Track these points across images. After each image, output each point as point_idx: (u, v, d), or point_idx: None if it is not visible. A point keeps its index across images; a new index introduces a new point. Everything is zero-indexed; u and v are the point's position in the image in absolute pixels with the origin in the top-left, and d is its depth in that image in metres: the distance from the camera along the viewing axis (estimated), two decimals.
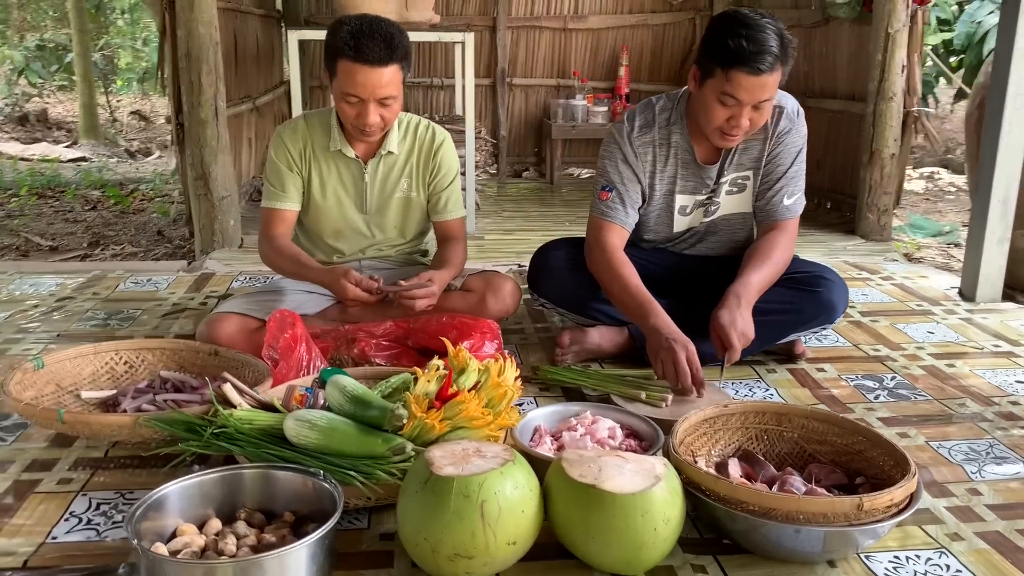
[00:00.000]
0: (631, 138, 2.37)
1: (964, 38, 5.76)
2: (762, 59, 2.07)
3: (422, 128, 2.52)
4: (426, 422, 1.65)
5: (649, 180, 2.41)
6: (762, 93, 2.13)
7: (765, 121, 2.31)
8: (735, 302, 2.17)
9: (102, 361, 2.23)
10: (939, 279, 3.42)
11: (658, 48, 5.88)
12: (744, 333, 2.14)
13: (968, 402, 2.25)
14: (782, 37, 2.12)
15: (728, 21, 2.15)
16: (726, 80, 2.12)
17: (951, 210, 5.53)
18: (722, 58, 2.11)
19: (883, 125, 4.00)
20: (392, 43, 2.22)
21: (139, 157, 8.26)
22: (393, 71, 2.24)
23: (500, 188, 5.57)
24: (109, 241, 4.46)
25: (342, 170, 2.48)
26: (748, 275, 2.24)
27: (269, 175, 2.48)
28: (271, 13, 5.36)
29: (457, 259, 2.52)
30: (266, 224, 2.48)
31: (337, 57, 2.24)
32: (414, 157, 2.51)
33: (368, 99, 2.25)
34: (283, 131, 2.48)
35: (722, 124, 2.19)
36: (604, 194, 2.39)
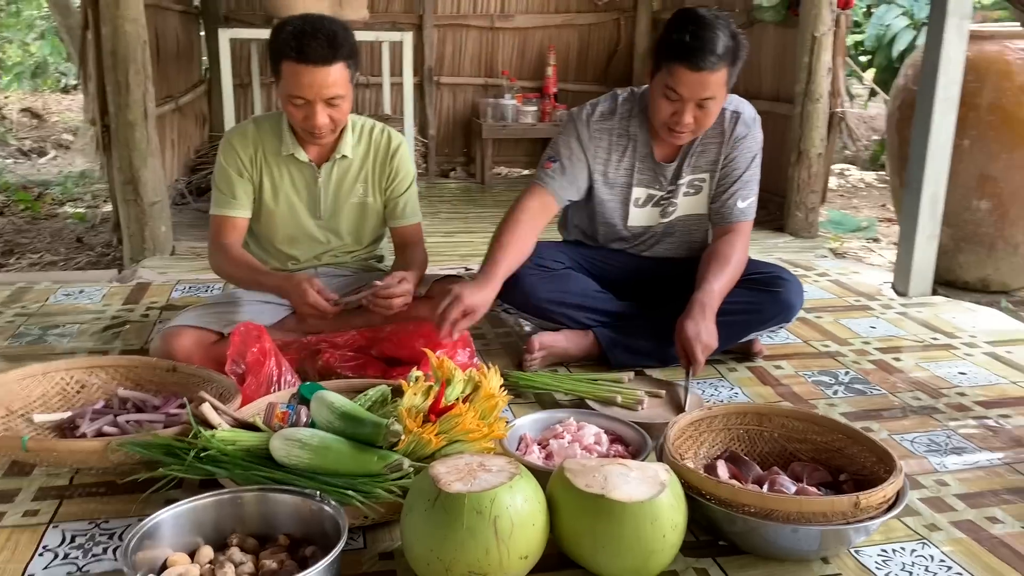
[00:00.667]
0: (590, 121, 2.39)
1: (874, 40, 6.03)
2: (703, 56, 2.12)
3: (377, 131, 2.47)
4: (422, 437, 1.62)
5: (602, 167, 2.42)
6: (703, 90, 2.17)
7: (717, 123, 2.37)
8: (700, 312, 2.21)
9: (52, 381, 2.10)
10: (870, 274, 3.57)
11: (584, 48, 5.94)
12: (708, 345, 2.20)
13: (920, 395, 2.35)
14: (733, 37, 2.17)
15: (680, 17, 2.20)
16: (669, 74, 2.17)
17: (865, 206, 5.78)
18: (668, 52, 2.17)
19: (810, 126, 4.14)
20: (336, 41, 2.16)
21: (33, 157, 7.83)
22: (339, 70, 2.18)
23: (430, 188, 5.52)
24: (24, 249, 4.21)
25: (295, 175, 2.41)
26: (710, 282, 2.29)
27: (218, 181, 2.39)
28: (190, 9, 5.16)
29: (420, 263, 2.48)
30: (216, 232, 2.39)
31: (281, 59, 2.18)
32: (369, 161, 2.46)
33: (314, 100, 2.19)
34: (232, 136, 2.39)
35: (667, 119, 2.24)
36: (548, 163, 2.42)
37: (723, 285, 2.30)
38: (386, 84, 5.25)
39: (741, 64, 2.22)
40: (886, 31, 5.98)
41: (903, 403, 2.30)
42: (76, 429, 1.94)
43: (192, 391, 2.13)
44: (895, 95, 4.00)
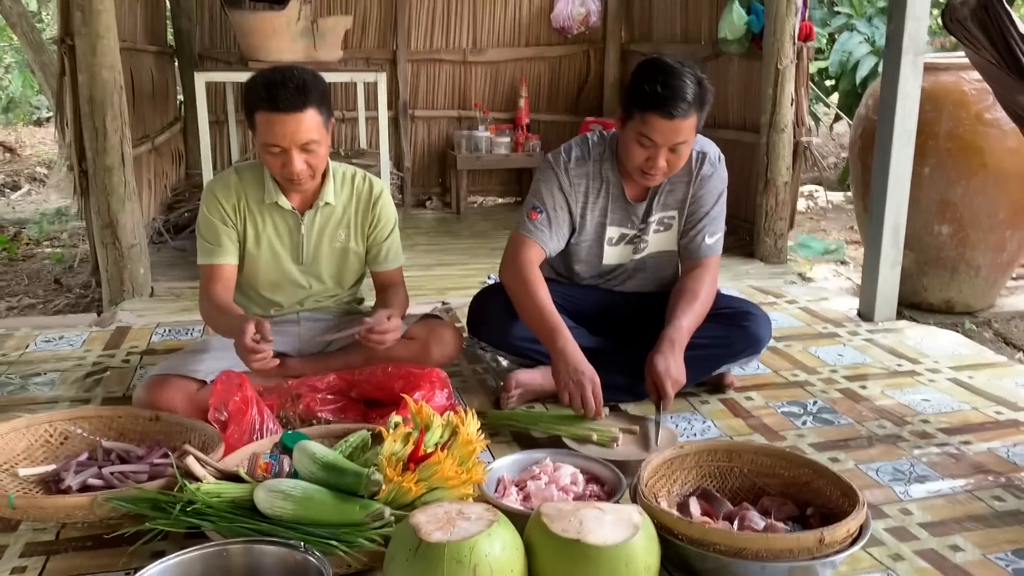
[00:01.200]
0: (567, 168, 2.46)
1: (837, 66, 6.18)
2: (676, 104, 2.20)
3: (359, 179, 2.53)
4: (402, 485, 1.67)
5: (581, 211, 2.50)
6: (676, 136, 2.26)
7: (685, 163, 2.45)
8: (669, 348, 2.29)
9: (36, 434, 2.13)
10: (838, 301, 3.67)
11: (556, 79, 6.03)
12: (677, 380, 2.27)
13: (885, 423, 2.43)
14: (700, 84, 2.26)
15: (649, 67, 2.28)
16: (643, 123, 2.25)
17: (833, 228, 5.90)
18: (640, 102, 2.24)
19: (776, 155, 4.25)
20: (306, 88, 2.22)
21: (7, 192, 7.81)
22: (311, 115, 2.24)
23: (407, 219, 5.57)
24: (2, 292, 4.22)
25: (278, 222, 2.46)
26: (679, 318, 2.36)
27: (203, 231, 2.43)
28: (164, 49, 5.20)
29: (401, 303, 2.54)
30: (204, 281, 2.43)
31: (255, 110, 2.24)
32: (352, 208, 2.51)
33: (289, 147, 2.24)
34: (215, 186, 2.44)
35: (641, 164, 2.32)
36: (534, 213, 2.47)
37: (691, 321, 2.37)
38: (361, 119, 5.30)
39: (708, 108, 2.31)
40: (849, 57, 6.13)
41: (869, 432, 2.38)
42: (61, 482, 1.96)
43: (176, 440, 2.17)
44: (857, 123, 4.12)
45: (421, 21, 5.75)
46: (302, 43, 3.97)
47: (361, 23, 5.65)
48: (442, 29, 5.79)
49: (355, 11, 5.57)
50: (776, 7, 4.09)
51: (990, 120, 3.58)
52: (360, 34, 5.67)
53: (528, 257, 2.45)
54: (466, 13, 5.79)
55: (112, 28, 3.43)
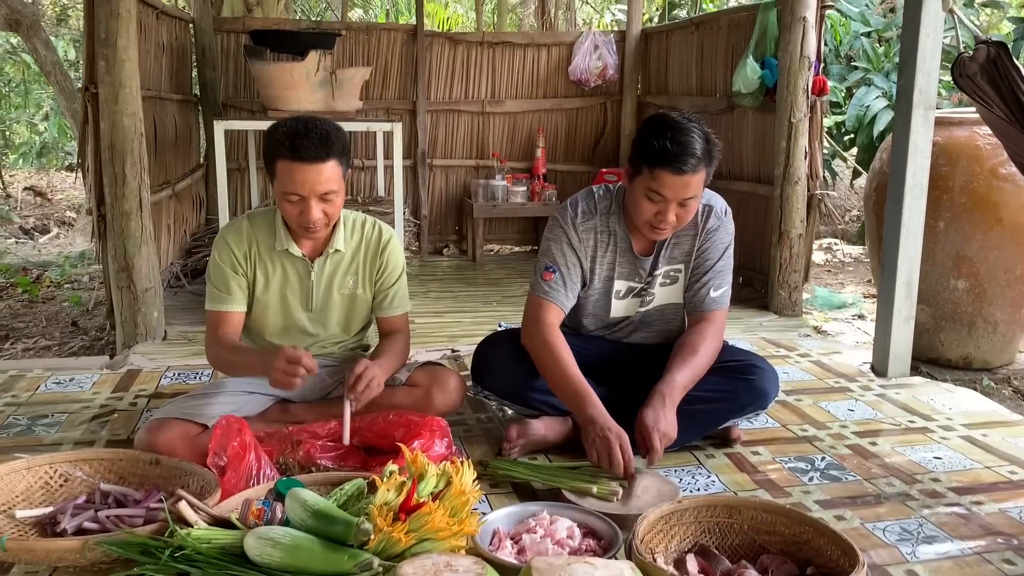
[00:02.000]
0: (575, 223, 2.47)
1: (855, 120, 6.18)
2: (685, 160, 2.21)
3: (368, 226, 2.56)
4: (391, 536, 1.65)
5: (590, 265, 2.51)
6: (685, 191, 2.26)
7: (693, 217, 2.46)
8: (660, 402, 2.27)
9: (36, 476, 2.14)
10: (852, 355, 3.62)
11: (573, 130, 6.10)
12: (666, 434, 2.24)
13: (894, 481, 2.38)
14: (707, 140, 2.27)
15: (656, 123, 2.29)
16: (652, 178, 2.25)
17: (851, 281, 5.86)
18: (649, 157, 2.25)
19: (790, 207, 4.25)
20: (328, 140, 2.26)
21: (36, 235, 7.96)
22: (331, 167, 2.28)
23: (423, 266, 5.62)
24: (20, 334, 4.27)
25: (288, 269, 2.49)
26: (673, 373, 2.35)
27: (213, 278, 2.46)
28: (188, 97, 5.33)
29: (397, 350, 2.53)
30: (212, 326, 2.45)
31: (276, 158, 2.28)
32: (361, 255, 2.53)
33: (309, 196, 2.28)
34: (227, 233, 2.47)
35: (651, 218, 2.32)
36: (548, 274, 2.47)
37: (687, 376, 2.35)
38: (380, 167, 5.38)
39: (716, 162, 2.32)
40: (866, 112, 6.13)
41: (877, 490, 2.32)
42: (57, 525, 1.96)
43: (174, 484, 2.16)
44: (871, 178, 4.11)
45: (441, 72, 5.86)
46: (321, 93, 4.05)
47: (382, 74, 5.77)
48: (461, 80, 5.90)
49: (376, 62, 5.70)
50: (789, 62, 4.13)
51: (1005, 175, 3.56)
52: (381, 85, 5.79)
53: (549, 320, 2.45)
54: (485, 65, 5.90)
55: (135, 77, 3.52)
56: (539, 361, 2.44)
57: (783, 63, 4.17)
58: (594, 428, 2.24)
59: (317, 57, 3.95)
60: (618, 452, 2.19)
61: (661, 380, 2.32)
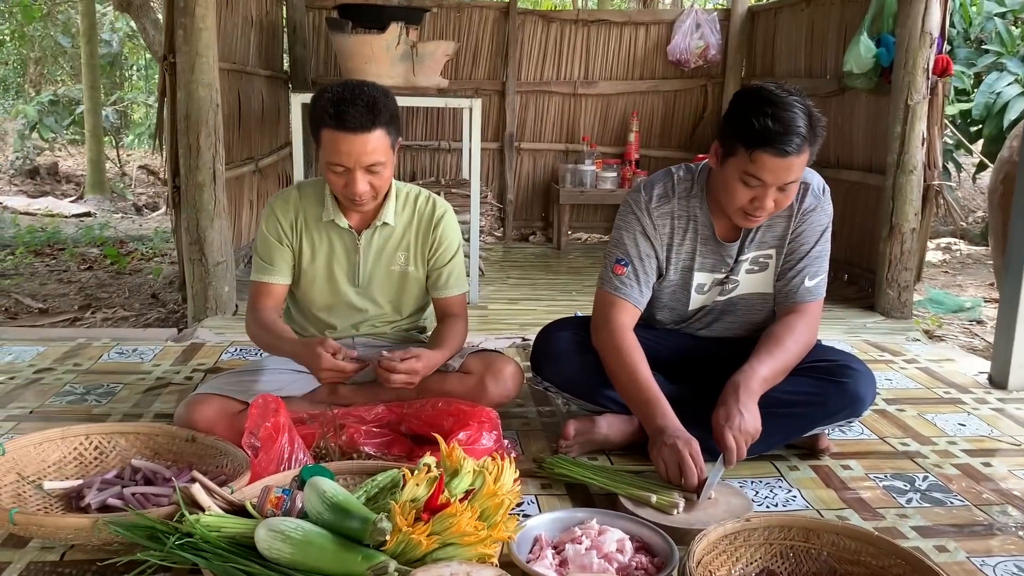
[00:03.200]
0: (649, 208, 2.23)
1: (983, 108, 5.66)
2: (789, 140, 1.94)
3: (422, 200, 2.39)
4: (411, 537, 1.47)
5: (665, 254, 2.26)
6: (788, 175, 1.99)
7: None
8: (733, 396, 2.01)
9: (70, 447, 2.06)
10: (966, 363, 3.25)
11: (669, 115, 5.81)
12: (744, 430, 1.97)
13: (1009, 509, 2.06)
14: (810, 116, 1.99)
15: (753, 98, 2.01)
16: (750, 161, 1.98)
17: (971, 284, 5.37)
18: (746, 138, 1.98)
19: (903, 199, 3.86)
20: (375, 108, 2.10)
21: (145, 212, 8.21)
22: (378, 137, 2.12)
23: (506, 253, 5.45)
24: (101, 304, 4.32)
25: (335, 241, 2.35)
26: (753, 364, 2.08)
27: (259, 248, 2.36)
28: (278, 74, 5.30)
29: (455, 339, 2.36)
30: (253, 298, 2.36)
31: (320, 126, 2.13)
32: (412, 230, 2.37)
33: (354, 167, 2.13)
34: (275, 202, 2.36)
35: (745, 205, 2.06)
36: (619, 268, 2.24)
37: (769, 369, 2.08)
38: (465, 149, 5.23)
39: (821, 141, 2.04)
40: (996, 99, 5.60)
41: (989, 519, 2.01)
42: (83, 498, 1.88)
43: (208, 463, 2.06)
44: (998, 168, 3.70)
45: (533, 52, 5.67)
46: (401, 67, 3.91)
47: (472, 53, 5.61)
48: (553, 60, 5.69)
49: (466, 40, 5.55)
50: (908, 38, 3.75)
51: None
52: (471, 64, 5.64)
53: (621, 321, 2.22)
54: (579, 44, 5.67)
55: (212, 47, 3.46)
56: (608, 365, 2.21)
57: (901, 39, 3.79)
58: (662, 437, 2.00)
59: (398, 29, 3.82)
60: (689, 461, 1.94)
61: (738, 370, 2.06)
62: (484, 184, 5.65)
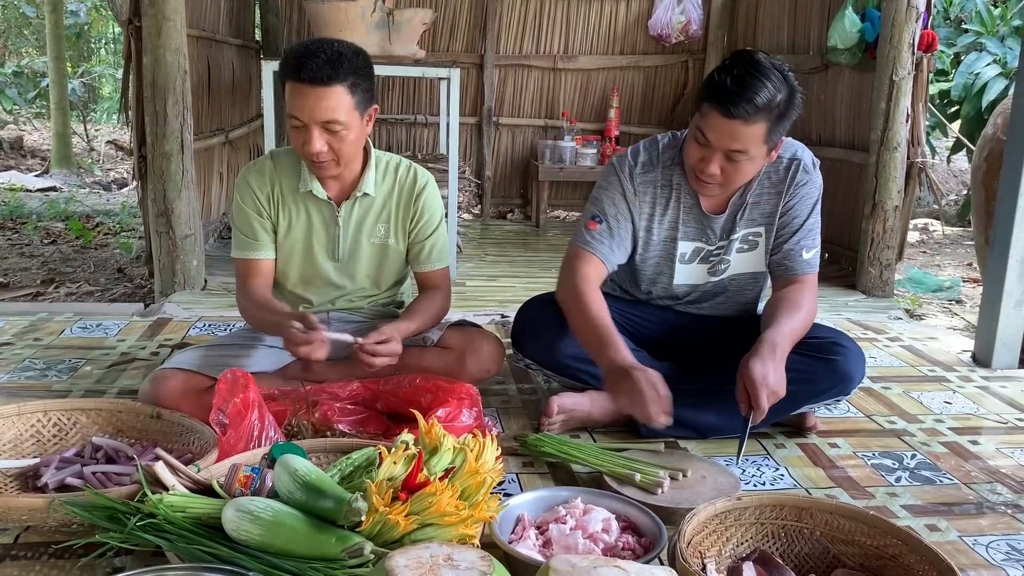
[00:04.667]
0: (633, 174, 2.17)
1: (962, 89, 5.64)
2: (737, 102, 1.88)
3: (403, 169, 2.29)
4: (388, 518, 1.39)
5: (646, 223, 2.20)
6: (731, 140, 1.93)
7: (778, 172, 2.13)
8: (770, 352, 1.92)
9: (27, 424, 1.96)
10: (949, 341, 3.22)
11: (650, 91, 5.72)
12: (775, 391, 1.89)
13: (999, 487, 2.02)
14: (788, 92, 1.93)
15: (733, 57, 1.99)
16: (701, 115, 1.97)
17: (949, 263, 5.36)
18: (705, 92, 1.96)
19: (886, 176, 3.82)
20: (338, 62, 1.99)
21: (113, 188, 8.01)
22: (338, 92, 2.00)
23: (484, 230, 5.36)
24: (65, 278, 4.17)
25: (312, 213, 2.25)
26: (781, 324, 2.01)
27: (238, 222, 2.24)
28: (249, 44, 5.15)
29: (430, 311, 2.27)
30: (241, 276, 2.24)
31: (284, 79, 2.04)
32: (393, 200, 2.28)
33: (309, 122, 2.01)
34: (248, 174, 2.24)
35: (695, 164, 2.03)
36: (593, 223, 2.18)
37: (795, 330, 2.02)
38: (443, 124, 5.12)
39: (788, 123, 1.98)
40: (975, 80, 5.58)
41: (979, 497, 1.97)
42: (39, 478, 1.78)
43: (173, 441, 1.97)
44: (982, 146, 3.66)
45: (512, 24, 5.55)
46: (376, 35, 3.79)
47: (449, 25, 5.49)
48: (533, 33, 5.57)
49: (443, 10, 5.42)
50: (894, 12, 3.68)
51: None
52: (448, 36, 5.51)
53: (586, 273, 2.15)
54: (559, 17, 5.55)
55: (179, 11, 3.32)
56: (569, 314, 2.14)
57: (887, 13, 3.72)
58: (621, 371, 1.91)
59: None
60: (654, 391, 1.86)
61: (768, 329, 1.99)
62: (462, 160, 5.54)
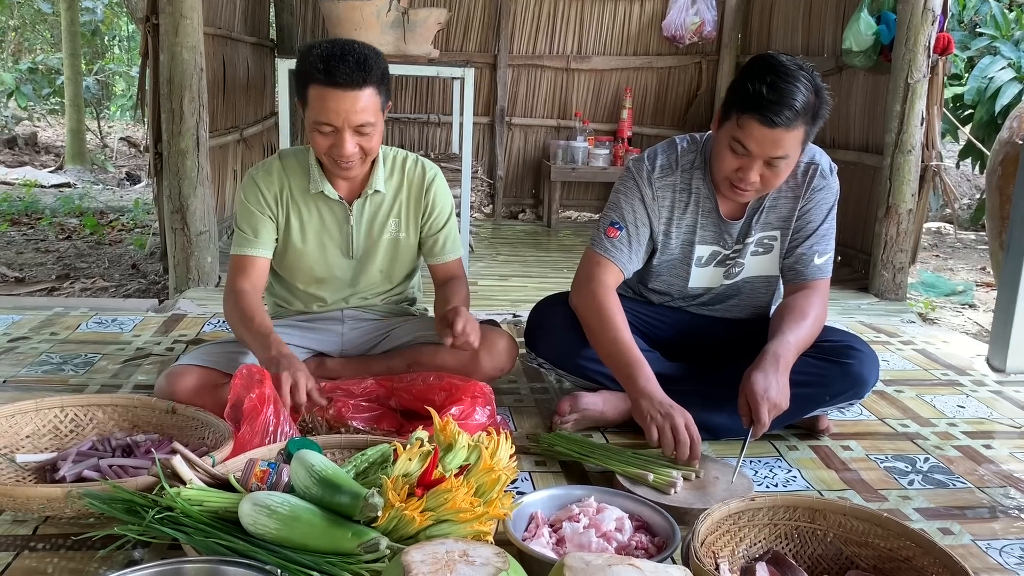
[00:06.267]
0: (651, 178, 2.16)
1: (975, 93, 5.62)
2: (778, 111, 1.87)
3: (410, 163, 2.30)
4: (404, 513, 1.40)
5: (664, 227, 2.20)
6: (774, 148, 1.92)
7: (794, 177, 2.13)
8: (773, 365, 1.93)
9: (44, 419, 1.98)
10: (962, 344, 3.21)
11: (663, 91, 5.72)
12: (777, 404, 1.90)
13: (1012, 492, 2.01)
14: (816, 93, 1.92)
15: (759, 64, 1.95)
16: (738, 126, 1.93)
17: (962, 267, 5.34)
18: (739, 101, 1.93)
19: (900, 179, 3.81)
20: (366, 65, 2.01)
21: (126, 184, 8.05)
22: (369, 95, 2.03)
23: (495, 230, 5.37)
24: (80, 274, 4.21)
25: (324, 213, 2.26)
26: (786, 334, 2.01)
27: (240, 219, 2.24)
28: (264, 42, 5.17)
29: (463, 295, 2.26)
30: (234, 273, 2.22)
31: (308, 83, 2.04)
32: (403, 195, 2.28)
33: (342, 127, 2.03)
34: (256, 173, 2.25)
35: (730, 174, 2.00)
36: (612, 230, 2.18)
37: (800, 340, 2.02)
38: (455, 123, 5.13)
39: (821, 122, 1.97)
40: (989, 84, 5.55)
41: (992, 501, 1.96)
42: (57, 472, 1.79)
43: (189, 435, 1.98)
44: (997, 150, 3.65)
45: (525, 24, 5.56)
46: (391, 35, 3.80)
47: (463, 25, 5.50)
48: (546, 33, 5.58)
49: (457, 10, 5.43)
50: (910, 14, 3.67)
51: None
52: (462, 36, 5.53)
53: (604, 280, 2.15)
54: (572, 17, 5.56)
55: (197, 9, 3.35)
56: (587, 324, 2.14)
57: (903, 16, 3.72)
58: (651, 403, 1.93)
59: None
60: (684, 431, 1.88)
61: (774, 340, 1.99)
62: (474, 159, 5.55)
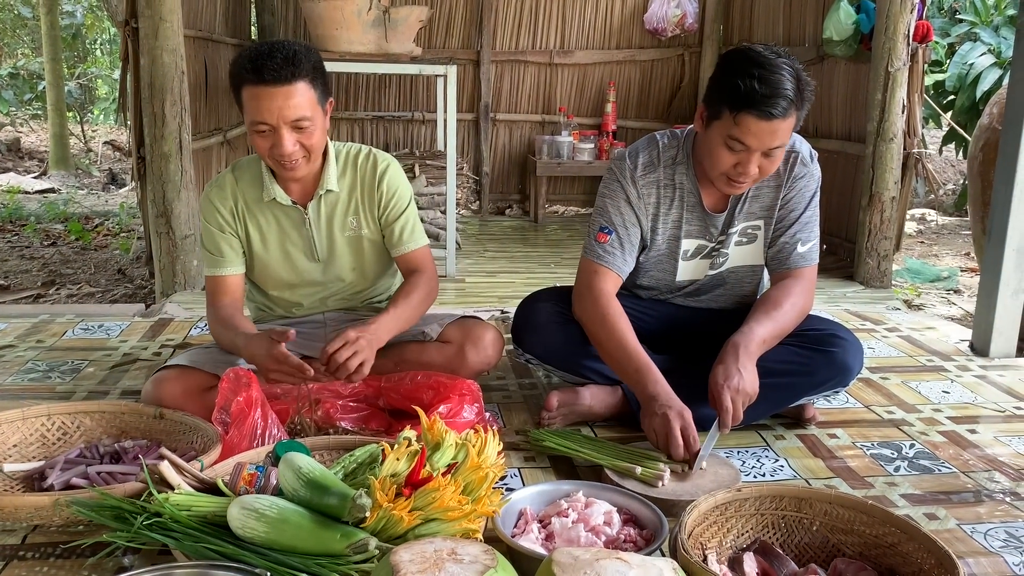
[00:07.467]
0: (634, 177, 2.17)
1: (956, 79, 5.66)
2: (775, 103, 1.88)
3: (362, 158, 2.27)
4: (392, 513, 1.41)
5: (651, 223, 2.21)
6: (773, 140, 1.93)
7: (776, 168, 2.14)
8: (732, 355, 1.96)
9: (31, 428, 1.98)
10: (947, 330, 3.23)
11: (646, 85, 5.73)
12: (742, 390, 1.92)
13: (996, 476, 2.03)
14: (799, 79, 1.93)
15: (740, 59, 1.95)
16: (734, 124, 1.92)
17: (947, 253, 5.38)
18: (731, 100, 1.92)
19: (883, 167, 3.83)
20: (295, 59, 1.99)
21: (111, 189, 8.01)
22: (302, 89, 2.00)
23: (482, 226, 5.37)
24: (66, 280, 4.19)
25: (282, 219, 2.23)
26: (751, 325, 2.03)
27: (204, 241, 2.24)
28: (246, 43, 5.15)
29: (413, 298, 2.19)
30: (211, 295, 2.23)
31: (241, 86, 2.02)
32: (358, 191, 2.25)
33: (278, 124, 2.00)
34: (210, 191, 2.23)
35: (728, 170, 2.00)
36: (602, 236, 2.18)
37: (767, 330, 2.04)
38: (440, 121, 5.13)
39: (809, 105, 1.98)
40: (969, 70, 5.59)
41: (977, 485, 1.98)
42: (45, 480, 1.79)
43: (177, 440, 1.99)
44: (977, 136, 3.67)
45: (507, 20, 5.56)
46: (373, 34, 3.80)
47: (445, 21, 5.49)
48: (529, 29, 5.58)
49: (438, 7, 5.42)
50: (889, 3, 3.70)
51: None
52: (444, 32, 5.52)
53: (604, 288, 2.16)
54: (554, 12, 5.56)
55: (176, 12, 3.34)
56: (593, 334, 2.15)
57: (882, 5, 3.73)
58: (654, 406, 1.96)
59: None
60: (677, 432, 1.89)
61: (736, 332, 2.01)
62: (459, 156, 5.55)
